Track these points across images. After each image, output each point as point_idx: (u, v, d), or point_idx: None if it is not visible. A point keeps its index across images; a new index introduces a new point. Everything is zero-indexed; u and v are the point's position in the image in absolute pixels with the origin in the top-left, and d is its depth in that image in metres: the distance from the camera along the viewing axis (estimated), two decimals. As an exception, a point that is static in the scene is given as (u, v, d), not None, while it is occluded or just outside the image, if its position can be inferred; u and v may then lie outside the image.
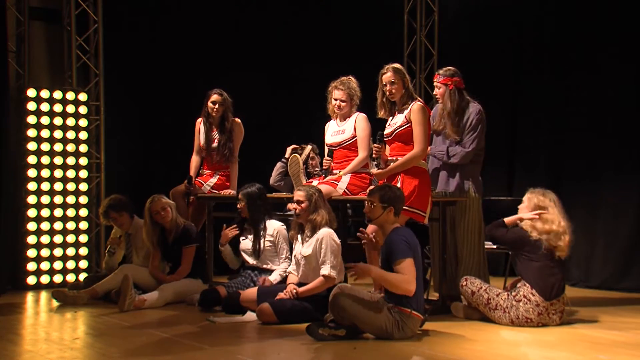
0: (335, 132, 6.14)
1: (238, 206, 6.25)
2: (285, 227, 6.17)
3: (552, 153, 7.76)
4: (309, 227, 5.50)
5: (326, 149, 6.19)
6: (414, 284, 4.75)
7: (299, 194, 5.54)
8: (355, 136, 6.00)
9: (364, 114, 6.04)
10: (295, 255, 5.67)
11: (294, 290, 5.39)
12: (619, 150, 7.17)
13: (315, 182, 6.06)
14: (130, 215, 6.70)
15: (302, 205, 5.50)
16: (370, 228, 5.44)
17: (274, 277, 6.01)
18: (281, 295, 5.46)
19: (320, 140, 6.52)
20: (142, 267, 6.48)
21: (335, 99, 6.07)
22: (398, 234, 4.87)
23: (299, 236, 5.61)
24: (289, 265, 5.94)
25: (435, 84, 6.24)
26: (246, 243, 6.24)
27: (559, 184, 7.58)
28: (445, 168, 6.16)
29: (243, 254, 6.28)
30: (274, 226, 6.19)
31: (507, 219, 5.49)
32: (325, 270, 5.34)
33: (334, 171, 6.04)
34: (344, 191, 5.91)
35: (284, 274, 5.97)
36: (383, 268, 4.90)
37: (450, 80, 6.13)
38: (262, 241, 6.14)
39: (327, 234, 5.41)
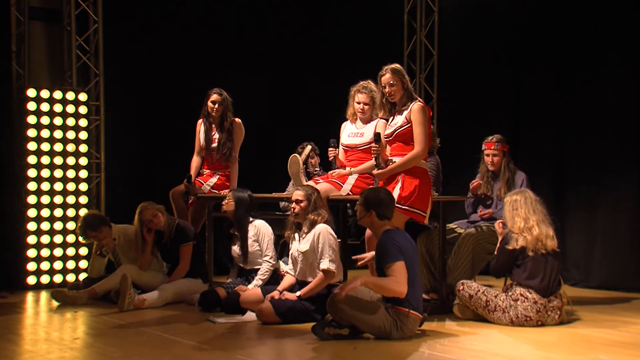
0: (353, 133, 6.11)
1: (223, 203, 6.22)
2: (266, 223, 6.14)
3: (554, 154, 7.74)
4: (307, 225, 5.49)
5: (340, 148, 6.19)
6: (404, 285, 4.72)
7: (298, 194, 5.55)
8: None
9: (384, 121, 5.96)
10: (292, 253, 5.66)
11: (276, 296, 5.42)
12: (618, 152, 7.17)
13: (320, 181, 6.03)
14: (108, 227, 6.61)
15: (301, 204, 5.50)
16: (368, 233, 5.46)
17: (253, 285, 5.94)
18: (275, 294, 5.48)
19: (320, 140, 6.51)
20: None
21: (359, 102, 6.02)
22: (388, 237, 4.84)
23: (296, 235, 5.61)
24: (270, 265, 5.98)
25: (489, 151, 6.33)
26: (236, 249, 6.21)
27: (561, 185, 7.59)
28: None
29: (235, 260, 6.28)
30: (254, 224, 6.15)
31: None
32: (324, 264, 5.33)
33: (346, 168, 6.03)
34: (348, 192, 5.91)
35: (264, 278, 5.95)
36: (377, 270, 4.92)
37: (506, 147, 6.32)
38: (247, 244, 6.11)
39: (324, 229, 5.41)
